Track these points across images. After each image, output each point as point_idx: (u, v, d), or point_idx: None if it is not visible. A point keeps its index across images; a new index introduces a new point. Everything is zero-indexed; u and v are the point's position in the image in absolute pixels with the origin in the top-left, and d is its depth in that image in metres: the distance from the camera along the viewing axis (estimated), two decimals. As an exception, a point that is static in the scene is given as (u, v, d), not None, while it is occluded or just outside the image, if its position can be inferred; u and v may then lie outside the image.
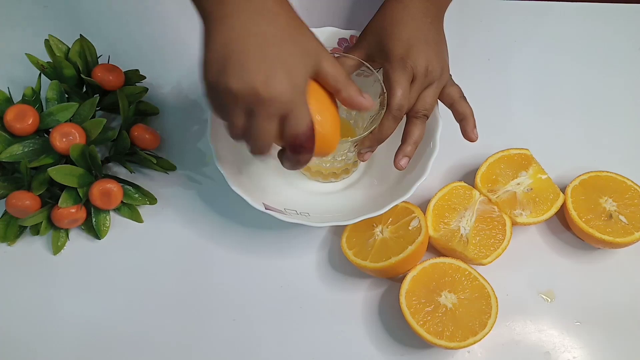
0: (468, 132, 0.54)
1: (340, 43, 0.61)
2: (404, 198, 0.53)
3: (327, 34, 0.60)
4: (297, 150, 0.44)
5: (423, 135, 0.54)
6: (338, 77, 0.44)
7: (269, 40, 0.41)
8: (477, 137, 0.55)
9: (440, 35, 0.55)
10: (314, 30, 0.59)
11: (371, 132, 0.52)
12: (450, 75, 0.56)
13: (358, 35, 0.59)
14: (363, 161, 0.57)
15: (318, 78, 0.45)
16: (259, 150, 0.44)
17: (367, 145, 0.54)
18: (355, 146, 0.55)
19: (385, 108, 0.51)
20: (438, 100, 0.55)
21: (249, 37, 0.41)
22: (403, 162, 0.53)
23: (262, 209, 0.53)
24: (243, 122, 0.43)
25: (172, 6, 0.73)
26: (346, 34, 0.60)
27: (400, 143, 0.54)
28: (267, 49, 0.41)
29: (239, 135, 0.44)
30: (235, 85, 0.41)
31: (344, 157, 0.56)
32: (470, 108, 0.55)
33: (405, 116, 0.53)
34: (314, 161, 0.46)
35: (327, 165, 0.58)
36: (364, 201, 0.58)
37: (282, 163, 0.46)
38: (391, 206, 0.53)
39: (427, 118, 0.54)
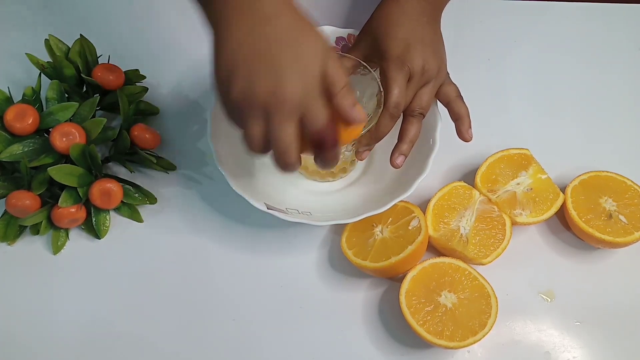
0: (462, 132, 0.55)
1: (338, 42, 0.61)
2: (405, 196, 0.53)
3: (325, 33, 0.60)
4: (322, 146, 0.43)
5: (419, 133, 0.54)
6: (338, 81, 0.43)
7: (277, 43, 0.41)
8: (471, 138, 0.55)
9: (437, 34, 0.55)
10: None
11: (368, 130, 0.52)
12: (448, 74, 0.56)
13: (355, 34, 0.60)
14: (361, 160, 0.57)
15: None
16: (284, 158, 0.42)
17: (365, 143, 0.54)
18: (352, 145, 0.55)
19: (382, 106, 0.51)
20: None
21: (256, 42, 0.41)
22: (399, 160, 0.53)
23: (264, 209, 0.53)
24: (261, 130, 0.42)
25: (172, 6, 0.73)
26: (344, 32, 0.60)
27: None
28: (276, 52, 0.41)
29: (259, 145, 0.43)
30: (247, 91, 0.40)
31: (341, 156, 0.56)
32: (466, 108, 0.55)
33: (402, 115, 0.54)
34: (312, 159, 0.45)
35: None
36: (365, 199, 0.58)
37: (315, 164, 0.45)
38: (392, 204, 0.53)
39: (423, 117, 0.54)
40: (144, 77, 0.65)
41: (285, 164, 0.43)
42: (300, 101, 0.40)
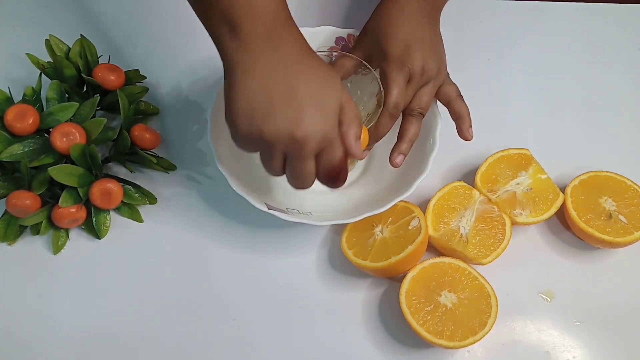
0: (463, 131, 0.55)
1: (337, 42, 0.61)
2: (406, 195, 0.53)
3: (325, 33, 0.61)
4: (332, 181, 0.45)
5: (419, 133, 0.54)
6: (349, 112, 0.44)
7: (295, 83, 0.42)
8: (472, 137, 0.55)
9: (437, 34, 0.55)
10: (312, 29, 0.60)
11: (368, 130, 0.52)
12: (448, 74, 0.56)
13: (355, 34, 0.60)
14: (360, 159, 0.57)
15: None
16: (301, 186, 0.46)
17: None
18: None
19: (382, 106, 0.51)
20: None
21: (276, 84, 0.42)
22: (398, 159, 0.54)
23: (265, 209, 0.53)
24: (281, 164, 0.45)
25: (173, 6, 0.73)
26: (344, 32, 0.60)
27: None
28: (295, 92, 0.42)
29: (279, 173, 0.46)
30: (268, 133, 0.42)
31: None
32: (467, 107, 0.55)
33: (401, 115, 0.54)
34: None
35: None
36: (365, 199, 0.58)
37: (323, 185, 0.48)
38: (393, 203, 0.53)
39: (423, 116, 0.54)
40: (144, 77, 0.65)
41: (301, 189, 0.47)
42: (321, 139, 0.43)
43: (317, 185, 0.60)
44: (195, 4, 0.45)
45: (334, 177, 0.45)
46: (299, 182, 0.46)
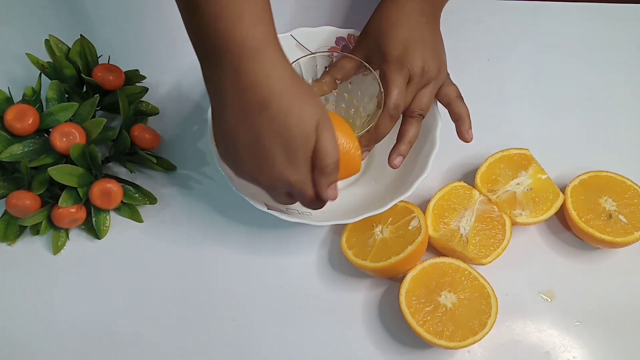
0: (463, 132, 0.55)
1: (338, 42, 0.61)
2: (406, 196, 0.53)
3: (326, 33, 0.61)
4: (308, 206, 0.47)
5: (418, 134, 0.54)
6: (325, 158, 0.43)
7: (261, 131, 0.41)
8: (471, 138, 0.55)
9: (437, 35, 0.55)
10: (312, 29, 0.60)
11: (368, 131, 0.52)
12: (448, 74, 0.56)
13: (356, 35, 0.60)
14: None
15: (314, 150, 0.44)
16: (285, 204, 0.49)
17: (364, 144, 0.54)
18: None
19: (382, 108, 0.51)
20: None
21: (242, 132, 0.42)
22: (397, 160, 0.54)
23: (264, 209, 0.53)
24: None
25: (172, 6, 0.72)
26: (344, 32, 0.60)
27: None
28: (259, 141, 0.42)
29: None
30: (240, 174, 0.46)
31: None
32: (467, 108, 0.55)
33: (401, 116, 0.54)
34: None
35: None
36: (365, 200, 0.58)
37: None
38: (393, 204, 0.53)
39: (423, 117, 0.54)
40: (144, 78, 0.65)
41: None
42: (286, 189, 0.44)
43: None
44: (185, 24, 0.44)
45: (307, 205, 0.46)
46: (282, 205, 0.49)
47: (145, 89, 0.64)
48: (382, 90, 0.52)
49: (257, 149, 0.42)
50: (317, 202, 0.45)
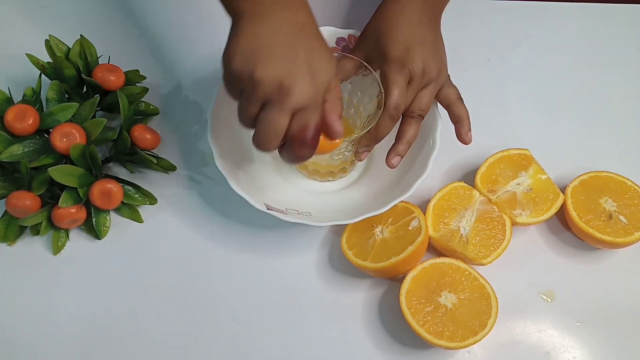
0: (462, 134, 0.55)
1: (338, 42, 0.61)
2: (405, 196, 0.53)
3: (326, 34, 0.60)
4: (300, 144, 0.45)
5: (417, 135, 0.54)
6: (334, 93, 0.46)
7: (299, 43, 0.44)
8: (470, 140, 0.55)
9: (437, 35, 0.55)
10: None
11: (368, 131, 0.52)
12: (449, 76, 0.56)
13: (356, 35, 0.60)
14: (360, 160, 0.57)
15: None
16: (264, 143, 0.45)
17: (364, 144, 0.54)
18: (352, 145, 0.55)
19: (382, 108, 0.51)
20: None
21: (281, 36, 0.43)
22: (395, 160, 0.54)
23: (264, 209, 0.53)
24: (257, 111, 0.44)
25: (173, 6, 0.73)
26: (344, 33, 0.60)
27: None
28: (297, 50, 0.43)
29: (249, 122, 0.45)
30: (261, 74, 0.42)
31: (341, 156, 0.56)
32: (467, 110, 0.55)
33: (401, 116, 0.54)
34: (312, 158, 0.47)
35: (325, 163, 0.58)
36: (365, 200, 0.58)
37: (280, 154, 0.47)
38: (392, 204, 0.53)
39: (422, 118, 0.54)
40: (144, 78, 0.65)
41: (264, 149, 0.45)
42: (305, 100, 0.43)
43: (317, 185, 0.61)
44: None
45: (300, 142, 0.44)
46: (264, 135, 0.44)
47: (146, 89, 0.64)
48: (382, 90, 0.52)
49: (291, 55, 0.43)
50: (310, 135, 0.45)
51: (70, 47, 0.61)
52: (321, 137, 0.47)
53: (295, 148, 0.45)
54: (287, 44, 0.43)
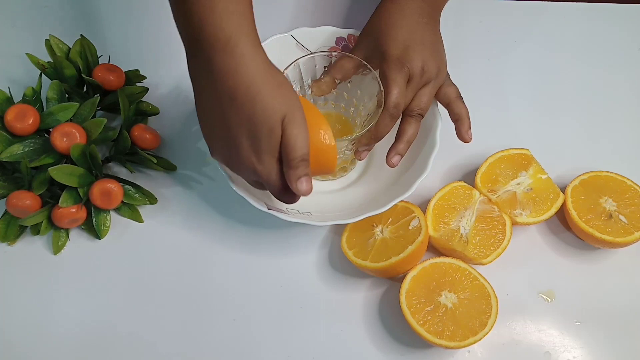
0: (462, 133, 0.55)
1: (338, 42, 0.61)
2: (406, 195, 0.53)
3: (326, 33, 0.61)
4: (282, 199, 0.48)
5: (417, 134, 0.54)
6: (292, 151, 0.44)
7: (229, 117, 0.44)
8: (470, 139, 0.55)
9: (437, 35, 0.55)
10: (312, 29, 0.60)
11: (368, 130, 0.52)
12: (448, 75, 0.56)
13: (356, 35, 0.60)
14: (360, 159, 0.57)
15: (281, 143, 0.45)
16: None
17: (364, 143, 0.54)
18: (352, 144, 0.55)
19: (382, 107, 0.51)
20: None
21: (216, 116, 0.45)
22: (395, 159, 0.54)
23: (265, 209, 0.53)
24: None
25: (173, 6, 0.73)
26: (344, 32, 0.60)
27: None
28: (228, 126, 0.44)
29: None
30: (214, 154, 0.48)
31: (341, 155, 0.56)
32: (466, 109, 0.55)
33: (401, 115, 0.54)
34: (320, 177, 0.50)
35: None
36: (365, 199, 0.58)
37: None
38: (393, 204, 0.53)
39: (422, 117, 0.54)
40: (144, 78, 0.65)
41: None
42: (252, 175, 0.46)
43: (317, 184, 0.61)
44: (173, 14, 0.47)
45: (283, 200, 0.47)
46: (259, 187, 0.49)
47: (146, 89, 0.64)
48: (381, 89, 0.52)
49: (227, 136, 0.44)
50: (287, 194, 0.47)
51: (71, 47, 0.61)
52: (325, 151, 0.48)
53: (279, 198, 0.48)
54: (221, 123, 0.44)
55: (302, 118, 0.44)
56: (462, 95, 0.56)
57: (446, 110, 0.56)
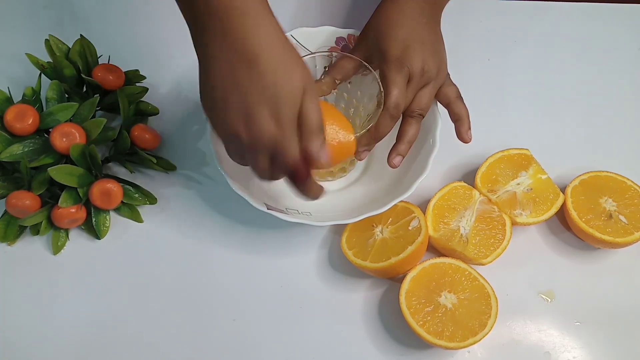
0: (462, 133, 0.55)
1: (338, 42, 0.61)
2: (405, 196, 0.53)
3: (326, 33, 0.61)
4: (292, 182, 0.45)
5: (417, 134, 0.54)
6: (310, 121, 0.43)
7: (249, 84, 0.41)
8: (470, 139, 0.55)
9: (437, 35, 0.55)
10: (312, 29, 0.60)
11: (368, 130, 0.52)
12: (448, 75, 0.56)
13: (356, 35, 0.60)
14: (360, 160, 0.57)
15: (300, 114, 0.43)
16: (262, 179, 0.46)
17: (364, 143, 0.54)
18: None
19: (382, 107, 0.51)
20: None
21: (230, 84, 0.42)
22: (396, 160, 0.54)
23: (264, 209, 0.53)
24: (240, 158, 0.46)
25: (173, 6, 0.72)
26: (344, 32, 0.60)
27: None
28: (247, 93, 0.41)
29: (239, 163, 0.47)
30: (220, 129, 0.44)
31: None
32: (466, 109, 0.55)
33: (401, 116, 0.54)
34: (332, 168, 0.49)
35: None
36: (365, 200, 0.58)
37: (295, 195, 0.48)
38: (393, 204, 0.53)
39: (423, 117, 0.54)
40: (144, 78, 0.65)
41: (264, 180, 0.47)
42: (267, 147, 0.42)
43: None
44: None
45: (292, 179, 0.45)
46: (258, 175, 0.46)
47: (145, 89, 0.64)
48: (381, 89, 0.52)
49: (244, 105, 0.41)
50: (301, 166, 0.44)
51: (70, 47, 0.61)
52: (342, 145, 0.47)
53: (290, 184, 0.46)
54: (238, 90, 0.41)
55: (317, 93, 0.44)
56: (462, 95, 0.56)
57: (446, 111, 0.56)
